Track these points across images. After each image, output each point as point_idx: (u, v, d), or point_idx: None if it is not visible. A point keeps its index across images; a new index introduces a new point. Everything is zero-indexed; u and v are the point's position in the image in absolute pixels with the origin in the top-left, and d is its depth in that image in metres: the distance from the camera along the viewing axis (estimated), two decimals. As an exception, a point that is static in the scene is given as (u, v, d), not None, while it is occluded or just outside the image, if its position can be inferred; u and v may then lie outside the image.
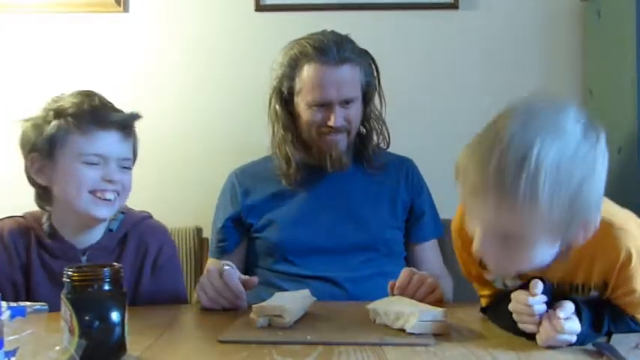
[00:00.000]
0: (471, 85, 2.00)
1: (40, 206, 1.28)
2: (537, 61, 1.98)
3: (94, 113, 1.21)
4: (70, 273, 0.85)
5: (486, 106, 1.96)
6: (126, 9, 2.00)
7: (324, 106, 1.44)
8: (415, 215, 1.54)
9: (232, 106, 2.00)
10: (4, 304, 0.93)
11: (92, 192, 1.20)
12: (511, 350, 0.89)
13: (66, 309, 0.83)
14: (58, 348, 0.82)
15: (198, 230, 1.79)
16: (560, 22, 2.00)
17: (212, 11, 2.01)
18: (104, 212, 1.23)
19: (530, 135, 0.79)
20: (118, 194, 1.23)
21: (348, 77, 1.44)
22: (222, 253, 1.53)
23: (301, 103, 1.47)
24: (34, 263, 1.24)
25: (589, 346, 0.90)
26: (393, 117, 1.60)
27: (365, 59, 1.49)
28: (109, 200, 1.22)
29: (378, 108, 1.56)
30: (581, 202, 0.79)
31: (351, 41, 1.47)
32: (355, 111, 1.47)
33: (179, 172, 1.97)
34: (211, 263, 1.51)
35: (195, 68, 2.01)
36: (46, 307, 1.00)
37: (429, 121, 1.99)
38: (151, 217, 1.38)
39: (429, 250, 1.55)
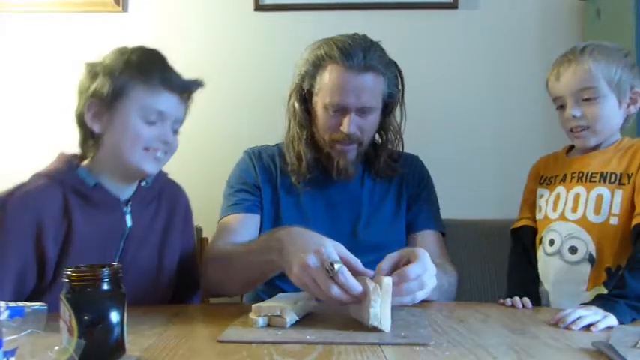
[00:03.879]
0: (470, 85, 2.00)
1: (83, 151, 1.29)
2: (537, 61, 1.98)
3: (163, 73, 1.25)
4: (68, 273, 0.85)
5: (486, 106, 2.00)
6: (125, 9, 2.00)
7: (340, 111, 1.41)
8: (411, 205, 1.51)
9: (232, 105, 1.99)
10: (2, 303, 0.93)
11: (146, 149, 1.23)
12: (511, 350, 0.89)
13: (65, 309, 0.83)
14: (57, 348, 0.82)
15: (198, 230, 1.79)
16: (560, 21, 2.00)
17: (211, 11, 2.01)
18: (153, 169, 1.26)
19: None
20: (166, 154, 1.27)
21: (369, 86, 1.40)
22: (247, 210, 1.45)
23: (319, 103, 1.45)
24: (77, 219, 1.20)
25: (589, 346, 0.90)
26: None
27: (391, 70, 1.46)
28: (159, 158, 1.25)
29: (398, 121, 1.53)
30: (624, 73, 1.26)
31: (380, 50, 1.44)
32: (371, 122, 1.45)
33: (178, 172, 1.95)
34: (238, 221, 1.44)
35: (194, 68, 1.99)
36: (45, 307, 0.99)
37: (428, 121, 1.99)
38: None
39: (424, 240, 1.47)
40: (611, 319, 1.04)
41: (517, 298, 1.23)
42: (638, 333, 0.97)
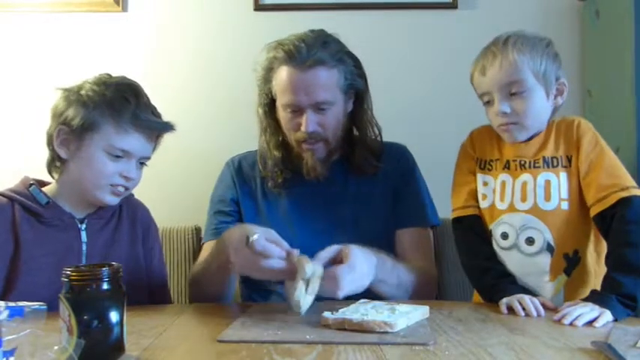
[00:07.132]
0: (469, 85, 2.00)
1: (49, 171, 1.32)
2: (536, 61, 1.99)
3: (135, 114, 1.26)
4: (68, 272, 0.85)
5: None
6: (124, 8, 2.00)
7: (296, 110, 1.39)
8: (397, 199, 1.47)
9: (231, 105, 1.99)
10: (2, 303, 0.93)
11: (108, 183, 1.26)
12: (510, 350, 0.89)
13: (64, 309, 0.83)
14: (56, 348, 0.82)
15: (197, 230, 1.79)
16: (559, 22, 2.00)
17: (211, 11, 2.01)
18: (112, 201, 1.29)
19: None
20: (127, 189, 1.30)
21: (320, 81, 1.36)
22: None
23: (279, 107, 1.44)
24: (25, 235, 1.23)
25: (588, 346, 0.90)
26: (392, 117, 1.59)
27: (347, 61, 1.41)
28: (120, 192, 1.29)
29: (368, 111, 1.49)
30: (549, 63, 1.22)
31: (332, 42, 1.40)
32: (332, 117, 1.40)
33: (178, 172, 1.97)
34: (212, 248, 1.41)
35: (194, 68, 2.01)
36: (45, 307, 0.99)
37: (428, 121, 1.99)
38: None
39: (406, 238, 1.44)
40: (608, 315, 1.05)
41: (517, 303, 1.15)
42: (637, 333, 0.97)
